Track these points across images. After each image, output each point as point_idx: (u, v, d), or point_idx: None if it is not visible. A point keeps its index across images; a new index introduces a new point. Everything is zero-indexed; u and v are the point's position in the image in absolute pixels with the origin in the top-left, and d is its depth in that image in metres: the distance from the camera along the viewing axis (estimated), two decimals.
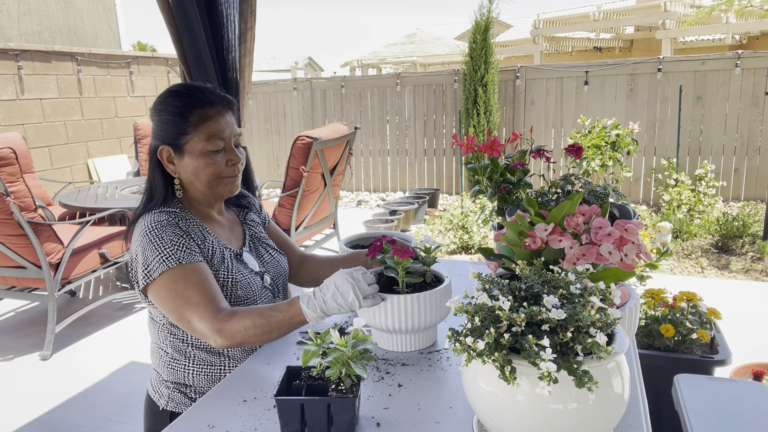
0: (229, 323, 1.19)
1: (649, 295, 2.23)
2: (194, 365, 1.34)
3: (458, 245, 4.99)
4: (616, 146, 5.13)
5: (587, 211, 0.97)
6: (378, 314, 1.19)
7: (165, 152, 1.32)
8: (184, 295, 1.21)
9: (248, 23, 2.22)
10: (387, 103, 7.87)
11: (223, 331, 1.18)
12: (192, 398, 1.36)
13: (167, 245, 1.24)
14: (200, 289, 1.22)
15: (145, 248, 1.24)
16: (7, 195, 2.95)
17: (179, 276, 1.22)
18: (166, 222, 1.27)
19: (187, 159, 1.31)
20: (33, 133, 5.79)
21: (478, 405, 0.84)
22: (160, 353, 1.37)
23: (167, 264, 1.22)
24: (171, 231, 1.26)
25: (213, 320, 1.19)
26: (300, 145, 3.67)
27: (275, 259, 1.51)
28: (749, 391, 1.60)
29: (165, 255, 1.23)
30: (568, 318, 0.74)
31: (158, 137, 1.33)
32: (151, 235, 1.25)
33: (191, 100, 1.31)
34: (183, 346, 1.34)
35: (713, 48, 11.18)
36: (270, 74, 18.87)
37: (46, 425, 2.59)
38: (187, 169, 1.32)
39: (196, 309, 1.20)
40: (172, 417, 1.35)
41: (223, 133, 1.32)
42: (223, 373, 1.35)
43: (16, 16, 8.42)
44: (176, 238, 1.25)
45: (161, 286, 1.23)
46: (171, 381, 1.37)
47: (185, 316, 1.21)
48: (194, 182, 1.33)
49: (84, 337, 3.51)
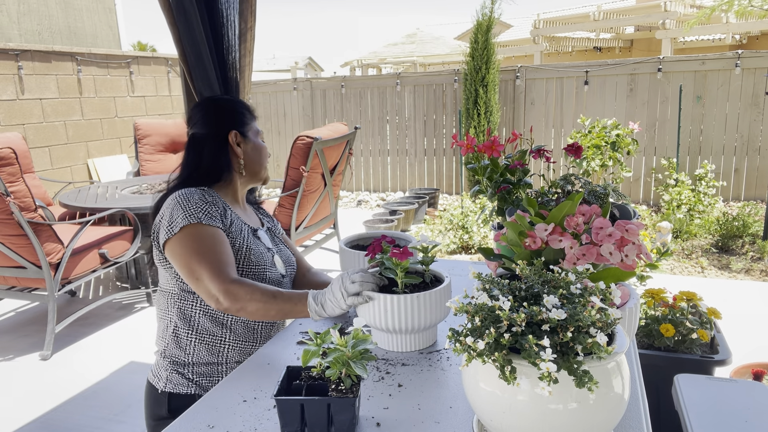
0: (237, 286, 1.28)
1: (649, 295, 2.23)
2: (197, 334, 1.42)
3: (458, 245, 4.99)
4: (616, 146, 5.13)
5: (587, 211, 0.97)
6: (378, 314, 1.19)
7: (234, 136, 1.52)
8: (200, 252, 1.32)
9: (248, 23, 2.22)
10: (387, 103, 7.86)
11: (229, 293, 1.27)
12: (189, 378, 1.42)
13: (193, 206, 1.37)
14: (215, 251, 1.33)
15: (173, 208, 1.38)
16: (7, 195, 2.95)
17: (198, 234, 1.34)
18: (195, 192, 1.42)
19: (251, 144, 1.55)
20: (33, 133, 5.79)
21: (478, 405, 0.84)
22: (166, 325, 1.45)
23: (189, 220, 1.35)
24: (198, 197, 1.40)
25: (223, 281, 1.29)
26: (300, 145, 3.67)
27: (285, 251, 1.63)
28: (749, 391, 1.59)
29: (189, 213, 1.36)
30: (568, 318, 0.74)
31: (223, 125, 1.52)
32: (180, 197, 1.39)
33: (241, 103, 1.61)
34: (190, 312, 1.42)
35: (713, 48, 11.18)
36: (270, 74, 18.87)
37: (46, 425, 2.59)
38: (252, 150, 1.55)
39: (208, 267, 1.30)
40: (170, 398, 1.41)
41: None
42: (223, 346, 1.42)
43: (16, 16, 8.42)
44: (202, 203, 1.39)
45: (179, 242, 1.34)
46: (171, 360, 1.43)
47: (196, 272, 1.31)
48: (255, 161, 1.56)
49: (84, 337, 3.51)
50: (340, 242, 1.59)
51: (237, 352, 1.44)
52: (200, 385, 1.41)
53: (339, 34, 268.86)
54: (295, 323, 1.47)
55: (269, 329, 1.49)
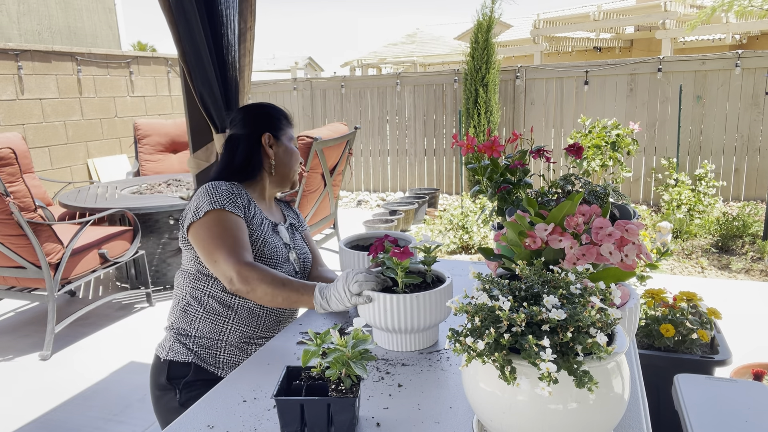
0: (249, 269, 1.36)
1: (649, 295, 2.23)
2: (204, 311, 1.50)
3: (458, 245, 4.99)
4: (616, 146, 5.13)
5: (587, 211, 0.97)
6: (378, 314, 1.19)
7: (267, 138, 1.61)
8: (219, 235, 1.41)
9: (248, 23, 2.22)
10: (387, 103, 7.86)
11: (242, 274, 1.35)
12: (189, 348, 1.49)
13: (219, 194, 1.48)
14: (233, 235, 1.42)
15: (200, 196, 1.48)
16: (7, 195, 2.95)
17: (219, 219, 1.44)
18: (223, 183, 1.53)
19: (284, 146, 1.64)
20: (33, 133, 5.79)
21: (478, 405, 0.84)
22: (179, 299, 1.56)
23: (213, 205, 1.45)
24: (226, 187, 1.51)
25: (237, 263, 1.37)
26: (300, 145, 3.67)
27: (304, 249, 1.71)
28: (749, 391, 1.59)
29: (214, 199, 1.46)
30: (568, 318, 0.74)
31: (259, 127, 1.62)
32: (209, 187, 1.50)
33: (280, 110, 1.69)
34: (200, 294, 1.52)
35: (713, 48, 11.18)
36: (270, 74, 18.87)
37: (46, 425, 2.59)
38: (284, 153, 1.64)
39: (225, 249, 1.39)
40: (170, 366, 1.49)
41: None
42: (225, 326, 1.50)
43: (16, 16, 8.42)
44: (228, 193, 1.49)
45: (202, 225, 1.44)
46: (176, 329, 1.52)
47: (214, 254, 1.40)
48: (286, 164, 1.65)
49: (84, 337, 3.51)
50: (340, 242, 1.59)
51: (238, 334, 1.50)
52: (198, 356, 1.49)
53: (339, 34, 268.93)
54: (295, 323, 1.47)
55: (273, 320, 1.54)
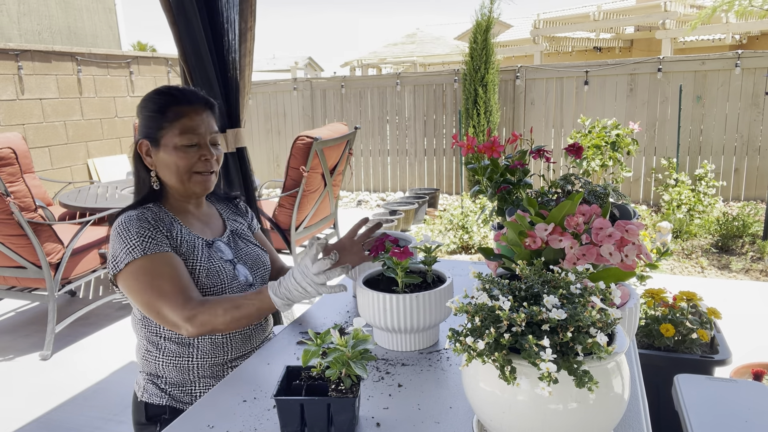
0: (200, 311, 1.23)
1: (649, 295, 2.23)
2: (164, 356, 1.38)
3: (458, 245, 4.99)
4: (616, 146, 5.13)
5: (587, 211, 0.97)
6: (378, 314, 1.19)
7: (144, 146, 1.39)
8: (153, 285, 1.25)
9: (248, 23, 2.22)
10: (387, 103, 7.86)
11: (193, 319, 1.22)
12: (162, 389, 1.39)
13: (133, 237, 1.28)
14: (169, 278, 1.26)
15: (114, 241, 1.30)
16: (7, 195, 2.95)
17: (146, 267, 1.26)
18: (135, 217, 1.32)
19: (162, 153, 1.37)
20: (33, 133, 5.79)
21: (478, 405, 0.84)
22: (138, 345, 1.44)
23: (133, 254, 1.26)
24: (138, 224, 1.30)
25: (183, 309, 1.23)
26: (300, 145, 3.67)
27: (254, 252, 1.54)
28: (749, 391, 1.59)
29: (131, 246, 1.27)
30: (568, 318, 0.74)
31: (140, 132, 1.40)
32: (120, 228, 1.30)
33: (170, 98, 1.39)
34: (155, 338, 1.38)
35: (713, 48, 11.18)
36: (270, 74, 18.87)
37: (46, 425, 2.59)
38: (163, 163, 1.37)
39: (166, 299, 1.24)
40: (147, 407, 1.40)
41: (197, 129, 1.37)
42: (191, 364, 1.38)
43: (16, 16, 8.42)
44: (143, 230, 1.29)
45: (129, 278, 1.27)
46: (146, 372, 1.42)
47: (155, 306, 1.25)
48: (167, 175, 1.38)
49: (84, 337, 3.51)
50: None
51: (207, 366, 1.39)
52: (173, 396, 1.39)
53: (339, 34, 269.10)
54: (294, 324, 1.47)
55: (239, 340, 1.43)
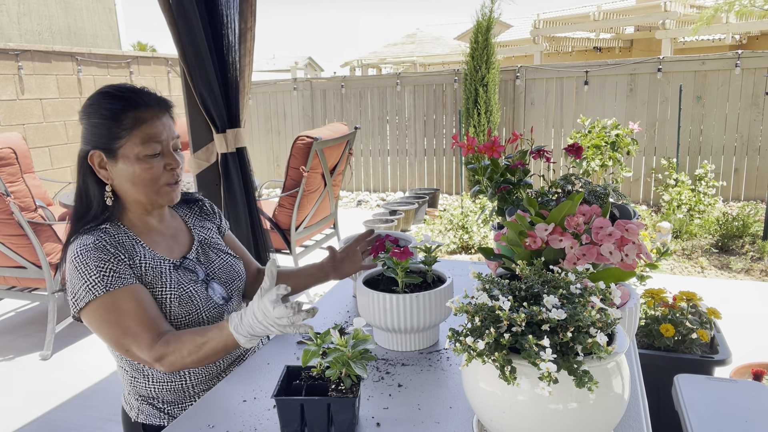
0: (166, 352, 1.14)
1: (649, 295, 2.23)
2: (154, 383, 1.30)
3: (458, 245, 4.99)
4: (616, 146, 5.13)
5: (587, 211, 0.97)
6: (379, 314, 1.19)
7: (96, 157, 1.22)
8: (118, 323, 1.15)
9: (248, 23, 2.22)
10: (387, 103, 7.86)
11: (162, 360, 1.14)
12: (161, 409, 1.31)
13: (93, 272, 1.15)
14: (134, 315, 1.15)
15: (72, 276, 1.17)
16: (7, 195, 2.95)
17: (109, 304, 1.15)
18: (92, 245, 1.18)
19: (121, 164, 1.21)
20: (33, 133, 5.79)
21: (478, 405, 0.84)
22: (122, 371, 1.33)
23: (94, 292, 1.15)
24: (96, 255, 1.16)
25: (150, 349, 1.14)
26: (300, 145, 3.67)
27: (227, 263, 1.42)
28: (749, 391, 1.59)
29: (91, 283, 1.15)
30: (568, 318, 0.74)
31: (89, 141, 1.23)
32: (77, 261, 1.17)
33: (124, 102, 1.22)
34: (139, 365, 1.28)
35: (713, 48, 11.18)
36: (270, 74, 18.87)
37: (46, 425, 2.59)
38: (122, 176, 1.22)
39: (133, 338, 1.15)
40: (144, 428, 1.31)
41: (160, 136, 1.23)
42: (185, 386, 1.30)
43: (16, 16, 8.42)
44: (102, 263, 1.16)
45: (92, 315, 1.16)
46: (138, 395, 1.33)
47: (123, 344, 1.16)
48: (129, 189, 1.24)
49: (84, 337, 3.51)
50: (340, 242, 1.59)
51: (201, 380, 1.32)
52: (172, 415, 1.31)
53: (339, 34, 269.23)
54: None
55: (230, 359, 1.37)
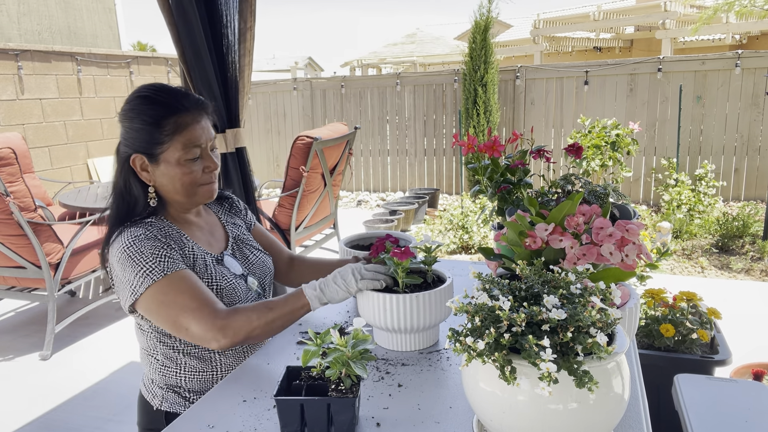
0: (232, 319, 1.18)
1: (649, 295, 2.23)
2: (185, 372, 1.33)
3: (458, 245, 4.99)
4: (616, 146, 5.13)
5: (588, 211, 0.97)
6: (379, 313, 1.19)
7: (138, 160, 1.27)
8: (177, 303, 1.18)
9: (248, 23, 2.22)
10: (387, 103, 7.86)
11: (226, 328, 1.16)
12: (186, 398, 1.34)
13: (149, 259, 1.20)
14: (192, 294, 1.20)
15: (126, 266, 1.20)
16: (7, 195, 2.95)
17: (167, 287, 1.19)
18: (143, 236, 1.23)
19: (162, 168, 1.27)
20: (33, 133, 5.79)
21: (478, 405, 0.84)
22: (150, 360, 1.36)
23: (152, 277, 1.19)
24: (150, 244, 1.22)
25: (214, 320, 1.17)
26: (300, 145, 3.67)
27: (260, 259, 1.49)
28: (749, 391, 1.59)
29: (148, 269, 1.19)
30: (568, 318, 0.74)
31: (130, 145, 1.27)
32: (130, 251, 1.21)
33: (165, 108, 1.25)
34: (173, 353, 1.32)
35: (713, 48, 11.18)
36: (270, 74, 18.87)
37: (46, 425, 2.59)
38: (163, 178, 1.28)
39: (193, 314, 1.17)
40: (167, 416, 1.34)
41: (199, 140, 1.28)
42: (215, 377, 1.34)
43: (16, 16, 8.42)
44: (156, 250, 1.22)
45: (150, 301, 1.20)
46: (164, 384, 1.36)
47: (182, 323, 1.18)
48: (170, 191, 1.30)
49: (84, 337, 3.51)
50: (340, 242, 1.59)
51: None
52: None
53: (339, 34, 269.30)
54: (294, 324, 1.47)
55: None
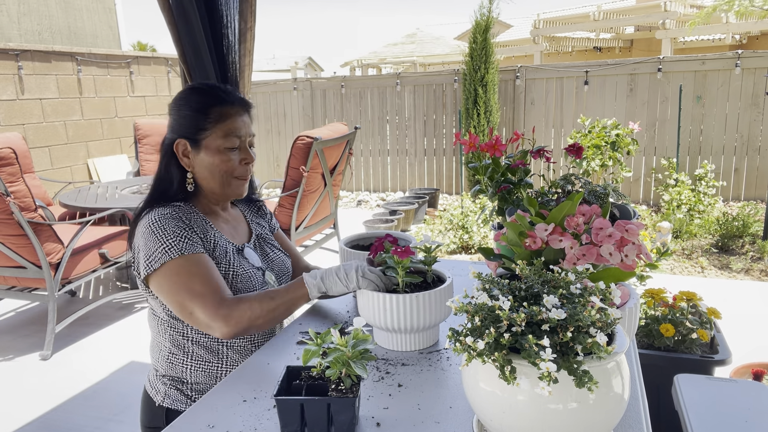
0: (235, 308, 1.21)
1: (649, 294, 2.23)
2: (192, 361, 1.36)
3: (458, 245, 4.99)
4: (616, 146, 5.13)
5: (587, 211, 0.97)
6: (379, 314, 1.19)
7: (181, 146, 1.35)
8: (187, 285, 1.23)
9: (248, 23, 2.22)
10: (387, 103, 7.86)
11: (229, 317, 1.20)
12: (188, 395, 1.36)
13: (170, 236, 1.26)
14: (203, 279, 1.24)
15: (148, 239, 1.26)
16: (7, 195, 2.95)
17: (181, 267, 1.24)
18: (169, 215, 1.30)
19: (203, 154, 1.35)
20: (33, 133, 5.79)
21: (478, 405, 0.84)
22: (159, 347, 1.39)
23: (169, 254, 1.24)
24: (174, 223, 1.28)
25: (218, 308, 1.21)
26: (300, 145, 3.67)
27: (280, 258, 1.55)
28: (749, 391, 1.60)
29: (167, 246, 1.25)
30: (568, 318, 0.74)
31: (175, 131, 1.36)
32: (154, 226, 1.27)
33: (212, 98, 1.35)
34: (183, 340, 1.35)
35: (713, 48, 11.18)
36: (270, 74, 18.88)
37: (46, 425, 2.59)
38: (202, 165, 1.36)
39: (199, 299, 1.21)
40: (167, 413, 1.36)
41: (239, 131, 1.36)
42: (220, 371, 1.37)
43: (16, 16, 8.42)
44: (179, 230, 1.28)
45: (163, 277, 1.25)
46: (168, 376, 1.38)
47: (187, 306, 1.22)
48: (207, 178, 1.37)
49: (84, 337, 3.51)
50: (340, 242, 1.59)
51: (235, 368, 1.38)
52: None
53: (339, 34, 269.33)
54: (294, 324, 1.47)
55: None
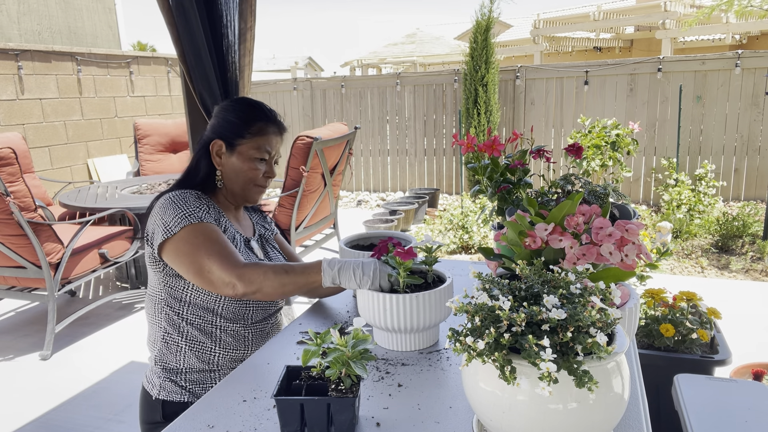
0: (250, 269, 1.29)
1: (649, 295, 2.23)
2: (186, 341, 1.41)
3: (458, 245, 4.99)
4: (616, 146, 5.13)
5: (587, 211, 0.97)
6: (379, 313, 1.19)
7: (217, 146, 1.46)
8: (206, 246, 1.31)
9: (248, 23, 2.22)
10: (387, 103, 7.86)
11: (243, 277, 1.28)
12: (183, 386, 1.42)
13: (189, 206, 1.37)
14: (221, 243, 1.33)
15: (167, 209, 1.35)
16: (7, 195, 2.95)
17: (200, 231, 1.34)
18: (189, 193, 1.41)
19: (234, 158, 1.46)
20: (33, 133, 5.79)
21: (478, 405, 0.84)
22: (156, 329, 1.45)
23: (189, 219, 1.34)
24: (193, 199, 1.40)
25: (235, 267, 1.29)
26: (300, 145, 3.67)
27: (279, 258, 1.63)
28: (749, 391, 1.60)
29: (187, 213, 1.35)
30: (568, 318, 0.74)
31: (216, 131, 1.48)
32: (175, 199, 1.38)
33: (258, 113, 1.49)
34: (178, 320, 1.41)
35: (713, 48, 11.18)
36: (270, 74, 18.88)
37: (47, 425, 2.59)
38: (231, 167, 1.47)
39: (218, 258, 1.29)
40: (164, 405, 1.42)
41: (271, 147, 1.49)
42: (212, 354, 1.42)
43: (16, 16, 8.42)
44: (198, 203, 1.39)
45: (181, 240, 1.32)
46: (163, 366, 1.44)
47: (205, 265, 1.30)
48: (232, 179, 1.48)
49: (84, 337, 3.51)
50: (340, 242, 1.59)
51: (228, 359, 1.44)
52: (193, 393, 1.42)
53: (339, 34, 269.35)
54: (294, 323, 1.47)
55: (259, 336, 1.49)
